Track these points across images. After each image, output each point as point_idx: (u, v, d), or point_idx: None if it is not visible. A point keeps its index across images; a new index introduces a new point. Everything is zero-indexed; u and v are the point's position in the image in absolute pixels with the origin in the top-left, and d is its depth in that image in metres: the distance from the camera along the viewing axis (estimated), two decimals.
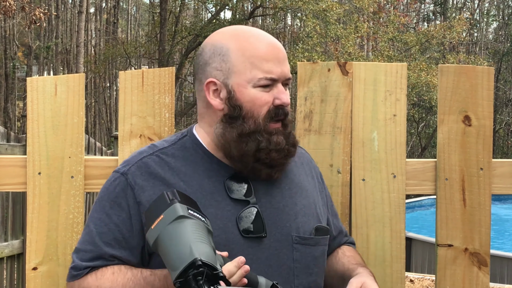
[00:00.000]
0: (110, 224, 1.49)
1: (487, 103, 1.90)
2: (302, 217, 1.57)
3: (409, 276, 6.74)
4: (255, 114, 1.49)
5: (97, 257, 1.48)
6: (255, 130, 1.48)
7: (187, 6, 23.19)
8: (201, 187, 1.50)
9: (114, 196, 1.50)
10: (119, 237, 1.48)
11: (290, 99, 1.60)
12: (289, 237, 1.53)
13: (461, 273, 1.89)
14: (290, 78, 1.53)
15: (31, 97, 1.86)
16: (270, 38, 1.55)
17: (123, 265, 1.47)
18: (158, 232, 1.28)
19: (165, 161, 1.53)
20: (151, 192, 1.48)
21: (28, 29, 16.67)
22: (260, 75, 1.49)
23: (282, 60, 1.52)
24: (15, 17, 19.84)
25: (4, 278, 4.92)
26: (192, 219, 1.28)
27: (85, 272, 1.48)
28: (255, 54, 1.50)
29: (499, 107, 23.98)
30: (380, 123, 1.90)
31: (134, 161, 1.54)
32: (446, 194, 1.89)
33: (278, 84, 1.51)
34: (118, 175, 1.53)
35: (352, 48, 15.95)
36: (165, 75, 1.90)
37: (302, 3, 15.09)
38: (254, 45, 1.51)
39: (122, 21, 30.23)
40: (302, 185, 1.62)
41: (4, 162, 1.88)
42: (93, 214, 1.53)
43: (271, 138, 1.49)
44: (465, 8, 27.72)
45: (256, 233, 1.49)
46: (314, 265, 1.56)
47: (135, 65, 24.11)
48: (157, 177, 1.50)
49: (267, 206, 1.53)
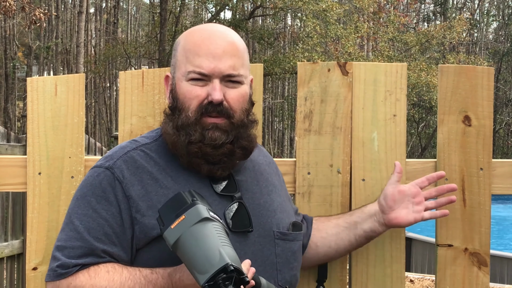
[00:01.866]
0: (98, 219, 1.44)
1: (487, 103, 1.90)
2: (279, 213, 1.60)
3: (409, 276, 6.74)
4: (185, 107, 1.49)
5: (87, 253, 1.42)
6: (186, 123, 1.48)
7: (187, 6, 23.18)
8: (188, 182, 1.50)
9: (100, 191, 1.47)
10: (109, 232, 1.44)
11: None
12: (271, 233, 1.55)
13: (461, 273, 1.89)
14: (230, 75, 1.49)
15: (31, 97, 1.86)
16: (214, 32, 1.53)
17: (116, 263, 1.44)
18: (180, 232, 1.29)
19: (150, 156, 1.52)
20: (139, 187, 1.47)
21: (28, 29, 16.67)
22: (190, 68, 1.49)
23: (220, 56, 1.48)
24: (15, 17, 19.84)
25: (4, 278, 4.92)
26: (215, 222, 1.30)
27: (74, 270, 1.42)
28: (190, 49, 1.51)
29: (499, 107, 23.99)
30: (380, 123, 1.90)
31: (119, 155, 1.51)
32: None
33: (214, 79, 1.48)
34: (102, 169, 1.49)
35: (352, 48, 15.95)
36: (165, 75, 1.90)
37: (302, 3, 15.09)
38: (193, 40, 1.52)
39: (122, 21, 30.24)
40: (274, 183, 1.65)
41: (4, 162, 1.88)
42: (75, 210, 1.48)
43: (205, 133, 1.47)
44: (465, 8, 27.73)
45: (242, 227, 1.50)
46: (293, 259, 1.59)
47: (135, 65, 24.11)
48: (144, 171, 1.49)
49: (250, 202, 1.55)
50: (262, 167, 1.65)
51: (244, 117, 1.52)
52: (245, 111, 1.52)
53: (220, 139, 1.47)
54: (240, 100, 1.51)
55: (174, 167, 1.52)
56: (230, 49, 1.50)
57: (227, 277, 1.21)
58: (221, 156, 1.48)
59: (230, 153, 1.49)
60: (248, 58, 1.59)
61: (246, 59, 1.56)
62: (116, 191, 1.46)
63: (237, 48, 1.52)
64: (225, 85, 1.49)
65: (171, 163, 1.52)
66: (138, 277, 1.40)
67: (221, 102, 1.48)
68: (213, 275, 1.22)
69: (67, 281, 1.42)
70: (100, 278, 1.40)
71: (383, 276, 1.88)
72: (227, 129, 1.49)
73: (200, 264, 1.25)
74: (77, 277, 1.41)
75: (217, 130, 1.48)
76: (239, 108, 1.50)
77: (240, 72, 1.51)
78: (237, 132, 1.50)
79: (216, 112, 1.48)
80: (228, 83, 1.50)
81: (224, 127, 1.48)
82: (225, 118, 1.48)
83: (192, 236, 1.28)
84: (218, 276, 1.21)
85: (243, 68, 1.52)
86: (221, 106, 1.48)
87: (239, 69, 1.50)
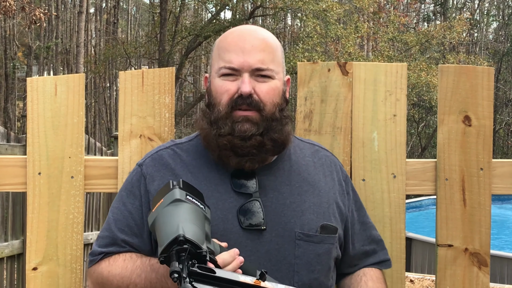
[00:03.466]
0: (124, 212, 1.56)
1: (487, 103, 1.90)
2: (309, 215, 1.57)
3: (409, 276, 6.73)
4: (217, 102, 1.53)
5: (112, 243, 1.55)
6: (218, 118, 1.52)
7: (187, 6, 23.18)
8: (207, 178, 1.55)
9: (130, 186, 1.59)
10: (131, 224, 1.54)
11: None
12: (292, 233, 1.53)
13: (461, 273, 1.89)
14: (259, 69, 1.52)
15: (31, 97, 1.86)
16: (245, 31, 1.58)
17: (135, 253, 1.53)
18: (156, 214, 1.33)
19: (178, 154, 1.60)
20: (160, 182, 1.54)
21: (28, 29, 16.67)
22: (221, 64, 1.54)
23: (249, 50, 1.52)
24: (15, 17, 19.84)
25: (4, 278, 4.91)
26: (187, 203, 1.33)
27: (100, 258, 1.56)
28: (222, 46, 1.56)
29: (499, 107, 23.97)
30: (380, 123, 1.90)
31: (151, 153, 1.63)
32: (446, 194, 1.89)
33: (244, 73, 1.52)
34: (136, 166, 1.62)
35: (352, 48, 15.95)
36: (165, 75, 1.90)
37: (302, 3, 15.09)
38: (225, 39, 1.58)
39: (122, 21, 30.23)
40: (316, 185, 1.62)
41: (4, 162, 1.88)
42: (113, 204, 1.61)
43: (235, 125, 1.50)
44: (465, 8, 27.73)
45: (255, 225, 1.51)
46: (316, 262, 1.55)
47: (135, 65, 24.11)
48: (168, 168, 1.57)
49: (273, 201, 1.55)
50: (304, 167, 1.63)
51: (275, 111, 1.54)
52: (276, 105, 1.54)
53: (249, 131, 1.50)
54: (271, 93, 1.53)
55: (199, 164, 1.57)
56: (259, 44, 1.54)
57: (181, 249, 1.20)
58: (250, 148, 1.50)
59: (260, 145, 1.51)
60: (282, 57, 1.61)
61: (278, 56, 1.58)
62: (141, 186, 1.57)
63: (267, 44, 1.56)
64: (255, 79, 1.53)
65: (197, 161, 1.58)
66: (146, 265, 1.47)
67: (250, 94, 1.51)
68: (165, 246, 1.22)
69: (94, 267, 1.57)
70: (116, 266, 1.52)
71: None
72: (258, 121, 1.51)
73: (160, 238, 1.26)
74: (100, 264, 1.56)
75: (247, 122, 1.51)
76: (269, 101, 1.53)
77: (270, 66, 1.53)
78: (268, 125, 1.52)
79: (246, 105, 1.51)
80: (258, 77, 1.53)
81: (254, 119, 1.51)
82: (256, 110, 1.51)
83: (162, 216, 1.31)
84: (172, 248, 1.21)
85: (273, 64, 1.55)
86: (250, 99, 1.51)
87: (268, 63, 1.53)
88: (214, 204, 1.50)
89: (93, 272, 1.58)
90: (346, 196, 1.68)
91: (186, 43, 18.54)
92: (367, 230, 1.71)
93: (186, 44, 18.66)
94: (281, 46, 1.63)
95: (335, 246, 1.60)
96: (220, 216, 1.50)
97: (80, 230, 1.86)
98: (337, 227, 1.61)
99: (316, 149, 1.71)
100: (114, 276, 1.51)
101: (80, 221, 1.87)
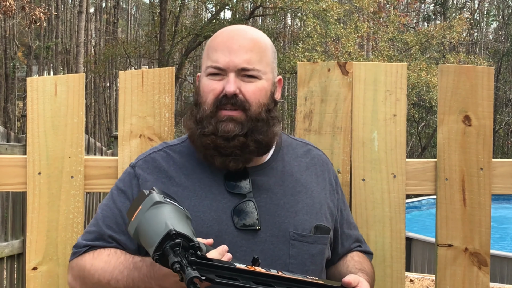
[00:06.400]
0: (114, 209, 1.57)
1: (487, 103, 1.90)
2: (303, 215, 1.58)
3: (409, 276, 6.73)
4: (203, 101, 1.54)
5: (98, 237, 1.55)
6: (203, 117, 1.52)
7: (187, 6, 23.17)
8: (200, 180, 1.55)
9: (122, 185, 1.60)
10: (120, 222, 1.54)
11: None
12: (286, 233, 1.54)
13: (461, 273, 1.89)
14: (245, 69, 1.51)
15: (31, 97, 1.86)
16: (234, 31, 1.57)
17: (119, 249, 1.53)
18: (138, 220, 1.33)
19: (171, 157, 1.60)
20: (153, 184, 1.53)
21: (28, 29, 16.68)
22: (208, 63, 1.54)
23: (235, 50, 1.52)
24: (15, 17, 19.83)
25: (4, 278, 4.92)
26: (168, 204, 1.33)
27: (84, 250, 1.55)
28: (211, 45, 1.56)
29: (499, 107, 23.97)
30: (380, 123, 1.90)
31: (144, 155, 1.63)
32: (446, 194, 1.89)
33: (229, 73, 1.51)
34: (129, 167, 1.63)
35: (352, 48, 15.94)
36: (165, 75, 1.90)
37: (302, 3, 15.09)
38: (214, 38, 1.58)
39: (122, 21, 30.22)
40: (308, 185, 1.63)
41: (4, 162, 1.88)
42: (103, 201, 1.62)
43: (218, 125, 1.50)
44: (465, 8, 27.72)
45: (250, 226, 1.51)
46: (310, 262, 1.57)
47: (135, 65, 24.10)
48: (161, 171, 1.58)
49: (267, 201, 1.55)
50: (296, 168, 1.63)
51: (261, 111, 1.53)
52: (263, 106, 1.53)
53: (233, 132, 1.50)
54: (257, 93, 1.53)
55: (191, 166, 1.57)
56: (247, 44, 1.53)
57: (174, 244, 1.21)
58: (233, 148, 1.50)
59: (243, 146, 1.51)
60: (273, 58, 1.60)
61: (267, 56, 1.57)
62: (133, 186, 1.58)
63: (256, 45, 1.55)
64: (241, 79, 1.52)
65: (190, 163, 1.58)
66: (129, 263, 1.47)
67: (235, 94, 1.50)
68: (158, 243, 1.22)
69: (77, 259, 1.56)
70: (100, 259, 1.51)
71: (383, 276, 1.88)
72: (242, 121, 1.51)
73: (149, 239, 1.26)
74: (84, 256, 1.55)
75: (231, 122, 1.50)
76: (255, 101, 1.52)
77: (256, 66, 1.53)
78: (253, 125, 1.51)
79: (231, 104, 1.50)
80: (244, 77, 1.52)
81: (239, 119, 1.50)
82: (241, 110, 1.51)
83: (145, 220, 1.31)
84: (165, 244, 1.22)
85: (260, 64, 1.54)
86: (235, 98, 1.50)
87: (255, 63, 1.52)
88: (208, 205, 1.51)
89: (75, 264, 1.56)
90: (336, 196, 1.69)
91: (186, 43, 18.54)
92: (353, 229, 1.74)
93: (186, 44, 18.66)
94: (273, 46, 1.62)
95: (327, 247, 1.63)
96: (214, 217, 1.50)
97: (80, 230, 1.86)
98: (329, 227, 1.63)
99: (308, 149, 1.71)
100: (96, 270, 1.50)
101: (80, 221, 1.87)
